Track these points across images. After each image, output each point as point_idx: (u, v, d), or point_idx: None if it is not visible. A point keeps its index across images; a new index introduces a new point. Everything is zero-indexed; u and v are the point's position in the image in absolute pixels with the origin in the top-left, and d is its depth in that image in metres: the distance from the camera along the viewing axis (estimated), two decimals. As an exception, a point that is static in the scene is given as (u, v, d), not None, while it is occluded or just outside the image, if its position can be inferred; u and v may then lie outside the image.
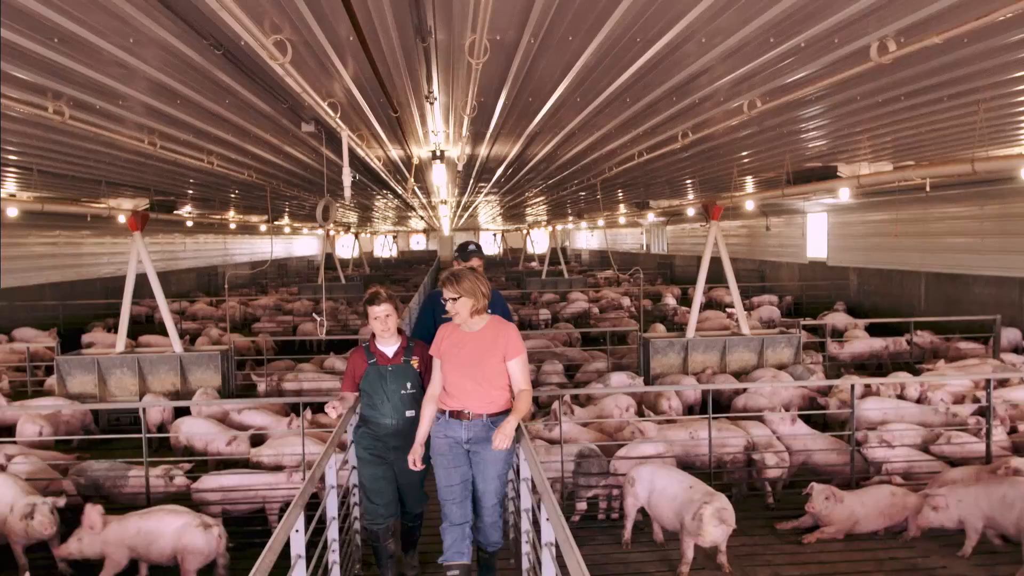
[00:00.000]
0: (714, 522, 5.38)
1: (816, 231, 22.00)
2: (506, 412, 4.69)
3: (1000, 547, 6.10)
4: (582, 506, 6.77)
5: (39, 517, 5.87)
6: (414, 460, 4.86)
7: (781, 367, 11.17)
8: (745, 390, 9.32)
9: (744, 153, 9.48)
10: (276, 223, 23.24)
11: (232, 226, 24.05)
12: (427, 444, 4.94)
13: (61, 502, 6.08)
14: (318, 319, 9.41)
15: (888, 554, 6.13)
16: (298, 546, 3.94)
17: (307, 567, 4.05)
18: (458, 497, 4.79)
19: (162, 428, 9.27)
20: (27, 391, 11.47)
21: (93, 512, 5.66)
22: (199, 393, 9.89)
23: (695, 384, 8.80)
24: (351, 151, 6.53)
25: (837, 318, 15.83)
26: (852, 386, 7.32)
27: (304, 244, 47.79)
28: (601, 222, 33.28)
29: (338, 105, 5.44)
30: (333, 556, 4.99)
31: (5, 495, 6.09)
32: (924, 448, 7.55)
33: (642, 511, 6.38)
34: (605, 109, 6.41)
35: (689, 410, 9.34)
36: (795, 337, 11.52)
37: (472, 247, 5.60)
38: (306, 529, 4.01)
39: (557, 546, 3.61)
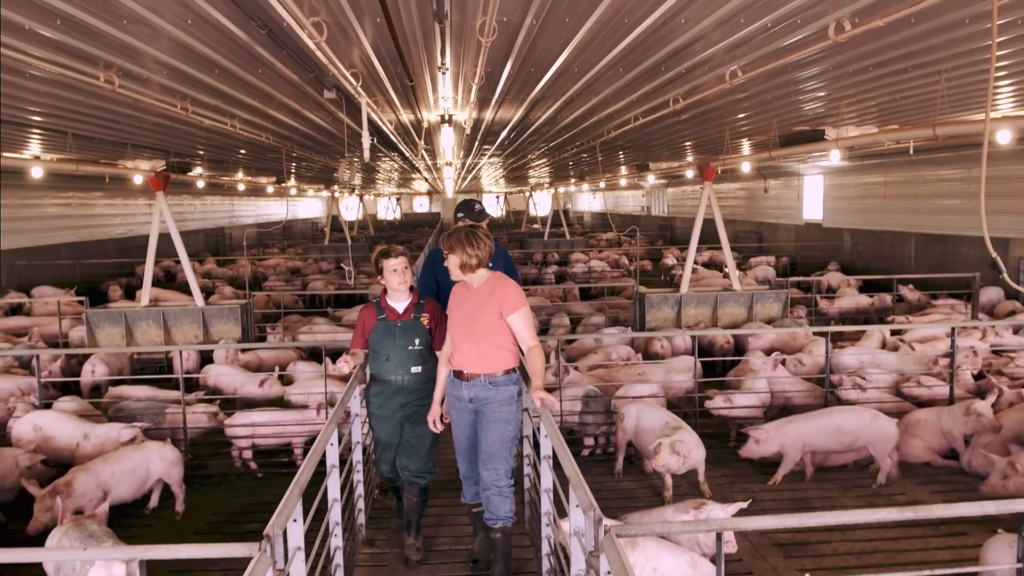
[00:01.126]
0: (668, 451, 6.05)
1: (812, 193, 22.55)
2: (508, 372, 4.70)
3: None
4: (589, 441, 7.46)
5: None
6: (434, 421, 4.93)
7: (770, 321, 11.85)
8: (736, 348, 10.00)
9: (735, 117, 10.03)
10: (285, 184, 23.77)
11: (241, 187, 24.61)
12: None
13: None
14: (347, 268, 9.97)
15: (854, 482, 6.82)
16: (332, 457, 4.63)
17: (339, 475, 4.74)
18: (466, 453, 4.94)
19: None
20: (59, 343, 12.12)
21: (50, 493, 5.50)
22: (221, 344, 10.55)
23: (683, 332, 9.42)
24: (361, 109, 7.07)
25: (831, 277, 16.49)
26: (827, 335, 7.97)
27: (307, 206, 48.24)
28: (602, 184, 33.73)
29: (359, 75, 6.00)
30: (357, 476, 5.65)
31: (65, 428, 6.81)
32: (897, 391, 8.25)
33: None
34: (601, 78, 6.99)
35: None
36: (783, 293, 12.17)
37: (478, 207, 5.53)
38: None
39: (554, 455, 4.24)
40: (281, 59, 5.81)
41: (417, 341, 5.09)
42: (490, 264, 4.82)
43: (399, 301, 5.12)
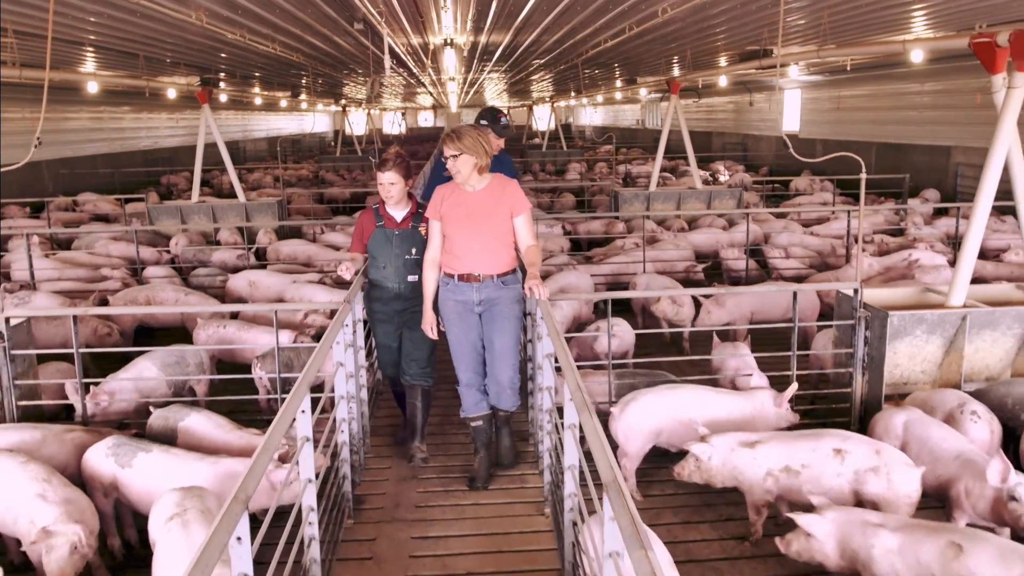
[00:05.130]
0: (667, 301, 7.68)
1: (791, 107, 24.33)
2: (513, 271, 4.73)
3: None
4: None
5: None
6: (431, 327, 4.85)
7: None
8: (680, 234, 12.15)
9: (689, 39, 11.91)
10: (299, 99, 25.55)
11: (258, 100, 26.36)
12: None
13: None
14: (374, 161, 11.63)
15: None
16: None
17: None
18: (471, 360, 4.81)
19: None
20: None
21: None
22: (262, 231, 12.53)
23: (645, 214, 11.41)
24: (383, 39, 9.02)
25: (798, 181, 18.61)
26: (747, 216, 10.08)
27: (315, 122, 49.54)
28: (600, 99, 35.27)
29: (383, 12, 7.99)
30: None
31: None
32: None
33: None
34: (567, 12, 8.93)
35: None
36: (737, 191, 14.23)
37: (504, 120, 5.38)
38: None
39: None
40: (328, 3, 7.79)
41: (414, 251, 5.01)
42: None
43: (397, 210, 5.07)
